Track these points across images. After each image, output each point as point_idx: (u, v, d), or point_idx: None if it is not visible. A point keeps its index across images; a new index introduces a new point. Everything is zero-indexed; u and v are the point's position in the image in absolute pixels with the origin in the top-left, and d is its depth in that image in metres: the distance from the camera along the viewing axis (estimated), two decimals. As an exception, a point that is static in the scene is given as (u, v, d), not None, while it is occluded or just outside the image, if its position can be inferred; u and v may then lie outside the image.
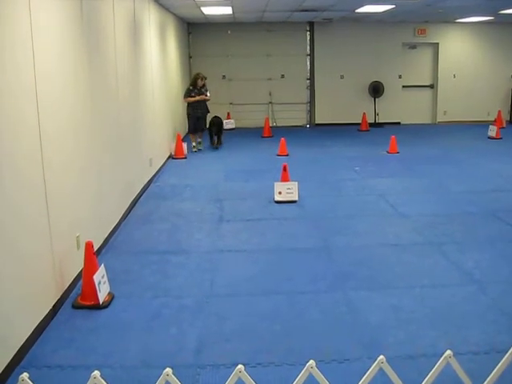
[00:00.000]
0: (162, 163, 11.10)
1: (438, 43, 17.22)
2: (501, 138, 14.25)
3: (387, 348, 4.16)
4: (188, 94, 12.84)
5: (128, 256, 6.25)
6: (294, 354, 4.07)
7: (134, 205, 8.22)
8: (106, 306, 4.90)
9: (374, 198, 8.64)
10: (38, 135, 4.49)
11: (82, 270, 5.05)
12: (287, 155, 11.97)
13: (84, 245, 4.95)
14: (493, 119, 16.36)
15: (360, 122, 16.36)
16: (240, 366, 2.29)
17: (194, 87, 12.76)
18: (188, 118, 13.08)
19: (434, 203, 8.36)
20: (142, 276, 5.64)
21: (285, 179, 8.57)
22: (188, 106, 12.91)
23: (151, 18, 10.33)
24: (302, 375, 2.25)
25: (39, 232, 4.53)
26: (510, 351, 2.39)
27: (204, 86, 12.80)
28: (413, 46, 17.34)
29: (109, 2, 7.11)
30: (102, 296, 4.91)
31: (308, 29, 16.74)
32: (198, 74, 12.87)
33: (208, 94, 12.87)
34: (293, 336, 4.40)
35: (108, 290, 5.09)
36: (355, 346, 4.23)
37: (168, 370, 2.34)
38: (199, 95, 12.72)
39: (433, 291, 5.22)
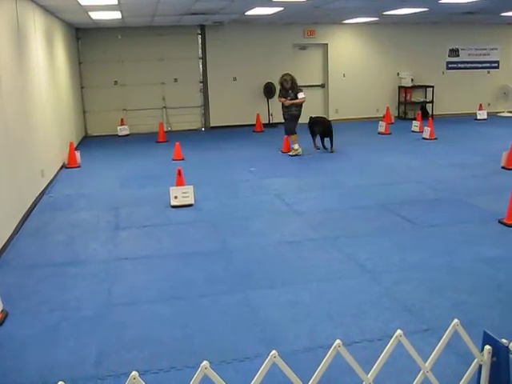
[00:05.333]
0: (54, 173, 10.78)
1: (327, 44, 17.71)
2: (390, 133, 14.88)
3: (287, 343, 4.26)
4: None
5: (22, 270, 6.04)
6: (195, 357, 4.06)
7: (27, 218, 7.95)
8: (-1, 324, 4.73)
9: (269, 198, 8.78)
10: None
11: (-30, 290, 4.85)
12: (183, 159, 11.96)
13: (-28, 262, 4.76)
14: (382, 115, 17.02)
15: (254, 123, 16.57)
16: (134, 373, 2.28)
17: (281, 89, 12.62)
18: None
19: (329, 199, 8.60)
20: (37, 290, 5.47)
21: (180, 183, 8.54)
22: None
23: (36, 24, 10.02)
24: (197, 377, 2.27)
25: None
26: (395, 335, 2.50)
27: (293, 88, 12.40)
28: (303, 47, 17.71)
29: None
30: (-5, 314, 4.74)
31: (199, 32, 16.74)
32: (281, 77, 12.62)
33: (299, 96, 12.35)
34: (194, 339, 4.40)
35: (1, 308, 4.91)
36: (256, 343, 4.30)
37: (60, 384, 2.27)
38: (284, 97, 12.47)
39: (329, 284, 5.38)
